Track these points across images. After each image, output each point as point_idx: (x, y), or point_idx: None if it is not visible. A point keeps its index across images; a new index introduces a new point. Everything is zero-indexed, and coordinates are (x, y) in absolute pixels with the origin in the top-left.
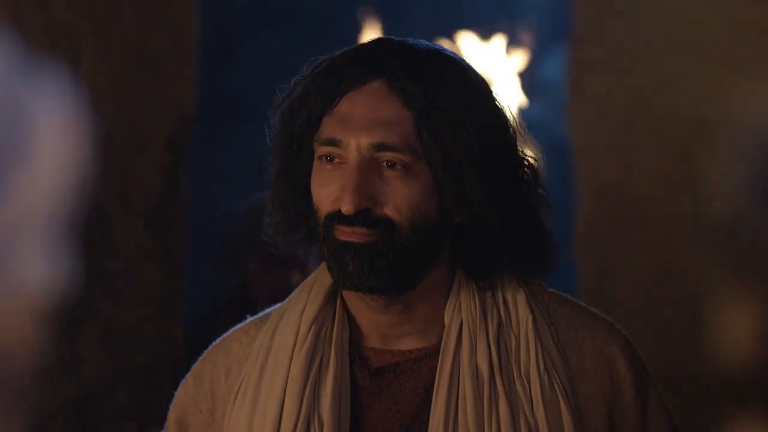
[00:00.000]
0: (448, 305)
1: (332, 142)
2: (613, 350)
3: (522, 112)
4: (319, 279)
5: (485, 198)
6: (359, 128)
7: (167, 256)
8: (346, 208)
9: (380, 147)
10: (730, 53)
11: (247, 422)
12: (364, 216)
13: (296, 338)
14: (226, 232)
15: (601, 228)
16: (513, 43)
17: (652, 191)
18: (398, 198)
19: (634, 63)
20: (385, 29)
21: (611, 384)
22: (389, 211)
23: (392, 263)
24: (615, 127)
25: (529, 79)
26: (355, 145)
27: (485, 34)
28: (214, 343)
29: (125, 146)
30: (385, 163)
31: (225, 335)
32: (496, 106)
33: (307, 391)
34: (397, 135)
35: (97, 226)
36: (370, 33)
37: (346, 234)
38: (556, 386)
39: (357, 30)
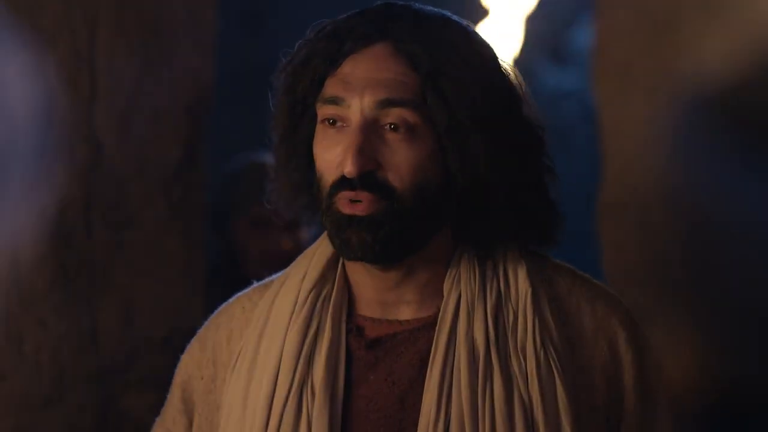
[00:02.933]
0: (447, 275)
1: (334, 101)
2: (614, 323)
3: (554, 81)
4: (322, 246)
5: (490, 163)
6: (363, 87)
7: (186, 226)
8: (349, 169)
9: (385, 103)
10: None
11: (244, 390)
12: (367, 179)
13: (294, 305)
14: (214, 197)
15: (623, 198)
16: (543, 11)
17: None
18: (401, 161)
19: (659, 29)
20: None
21: (611, 357)
22: (391, 175)
23: (395, 232)
24: (640, 95)
25: (560, 48)
26: (359, 104)
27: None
28: (219, 308)
29: (143, 117)
30: (388, 126)
31: (230, 300)
32: (502, 72)
33: (301, 359)
34: (402, 92)
35: (115, 196)
36: None
37: (349, 206)
38: (551, 362)
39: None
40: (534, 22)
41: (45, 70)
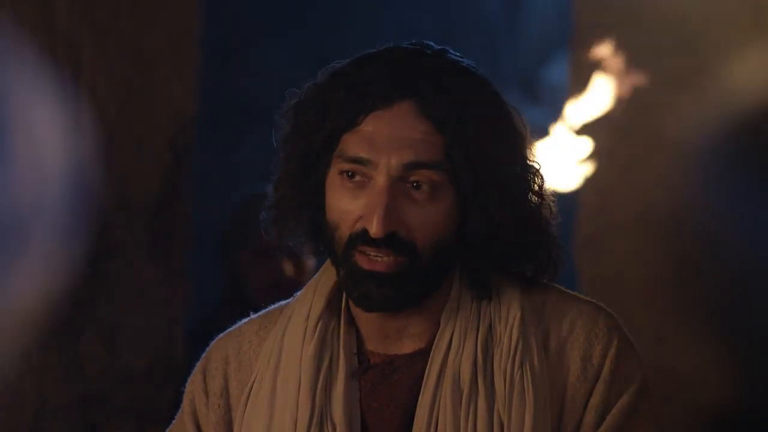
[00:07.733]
0: (446, 309)
1: (359, 161)
2: (593, 333)
3: (529, 116)
4: (323, 279)
5: (507, 214)
6: (389, 148)
7: (168, 257)
8: (375, 230)
9: (413, 165)
10: (729, 53)
11: (267, 420)
12: (390, 239)
13: (303, 340)
14: (223, 226)
15: (600, 231)
16: (517, 48)
17: (653, 194)
18: (424, 220)
19: (634, 65)
20: (387, 33)
21: (585, 368)
22: (413, 234)
23: (415, 287)
24: (615, 130)
25: (534, 85)
26: (385, 165)
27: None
28: (219, 337)
29: (125, 148)
30: (412, 184)
31: (231, 331)
32: (515, 121)
33: (318, 394)
34: (429, 153)
35: (97, 227)
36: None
37: (369, 262)
38: (525, 383)
39: (363, 36)
40: (507, 59)
41: None
